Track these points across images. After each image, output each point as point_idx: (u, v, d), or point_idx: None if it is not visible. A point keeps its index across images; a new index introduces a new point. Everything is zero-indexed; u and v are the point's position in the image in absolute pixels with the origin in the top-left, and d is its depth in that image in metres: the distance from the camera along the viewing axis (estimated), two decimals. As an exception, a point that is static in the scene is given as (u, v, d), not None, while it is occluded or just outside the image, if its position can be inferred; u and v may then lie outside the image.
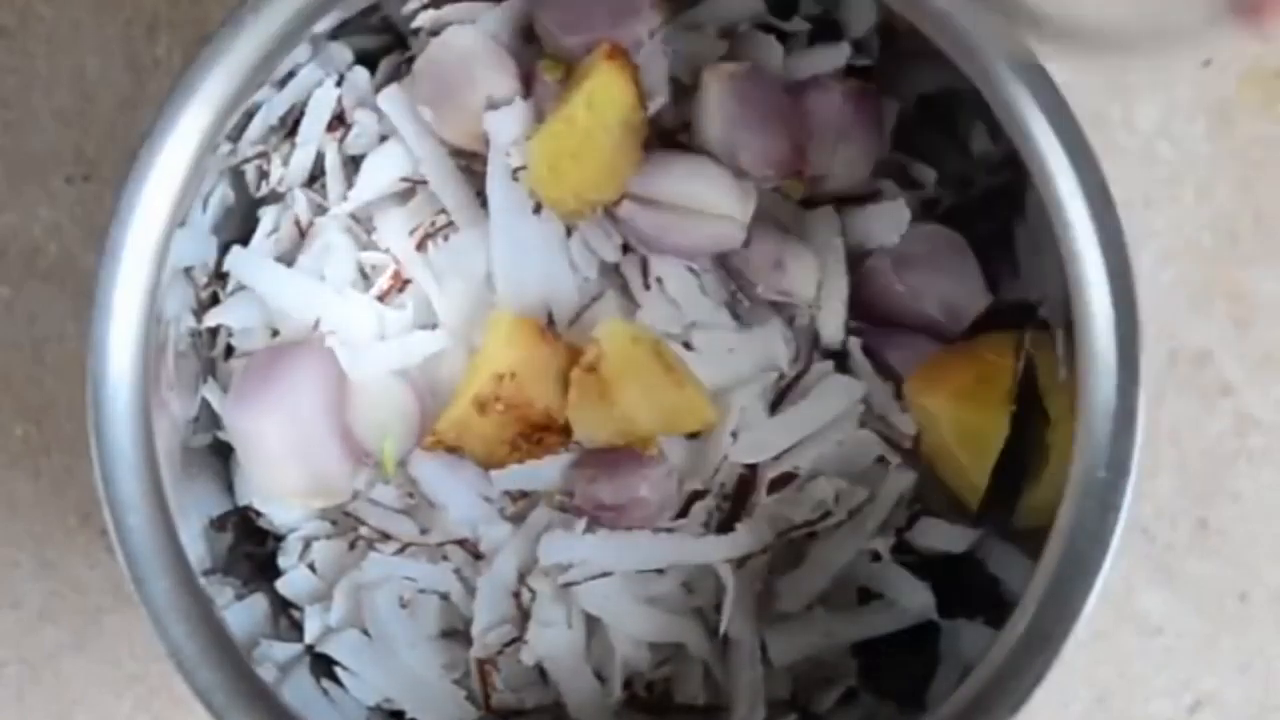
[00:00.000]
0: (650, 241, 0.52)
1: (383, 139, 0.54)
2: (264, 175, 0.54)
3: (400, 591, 0.53)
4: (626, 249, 0.53)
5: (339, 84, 0.54)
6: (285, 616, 0.54)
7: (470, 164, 0.53)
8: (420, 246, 0.53)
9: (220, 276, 0.53)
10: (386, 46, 0.55)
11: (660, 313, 0.53)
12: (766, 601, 0.53)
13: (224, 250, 0.53)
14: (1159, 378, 0.60)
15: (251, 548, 0.55)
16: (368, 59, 0.54)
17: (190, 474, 0.52)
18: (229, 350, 0.54)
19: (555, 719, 0.54)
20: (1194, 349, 0.61)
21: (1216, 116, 0.61)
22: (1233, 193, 0.61)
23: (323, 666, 0.53)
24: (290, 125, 0.54)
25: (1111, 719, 0.61)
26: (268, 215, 0.54)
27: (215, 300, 0.53)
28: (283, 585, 0.54)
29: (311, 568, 0.54)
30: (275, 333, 0.53)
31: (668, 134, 0.54)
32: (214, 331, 0.54)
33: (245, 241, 0.54)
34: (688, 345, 0.53)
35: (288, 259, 0.53)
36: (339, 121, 0.54)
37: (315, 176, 0.54)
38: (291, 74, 0.52)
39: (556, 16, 0.52)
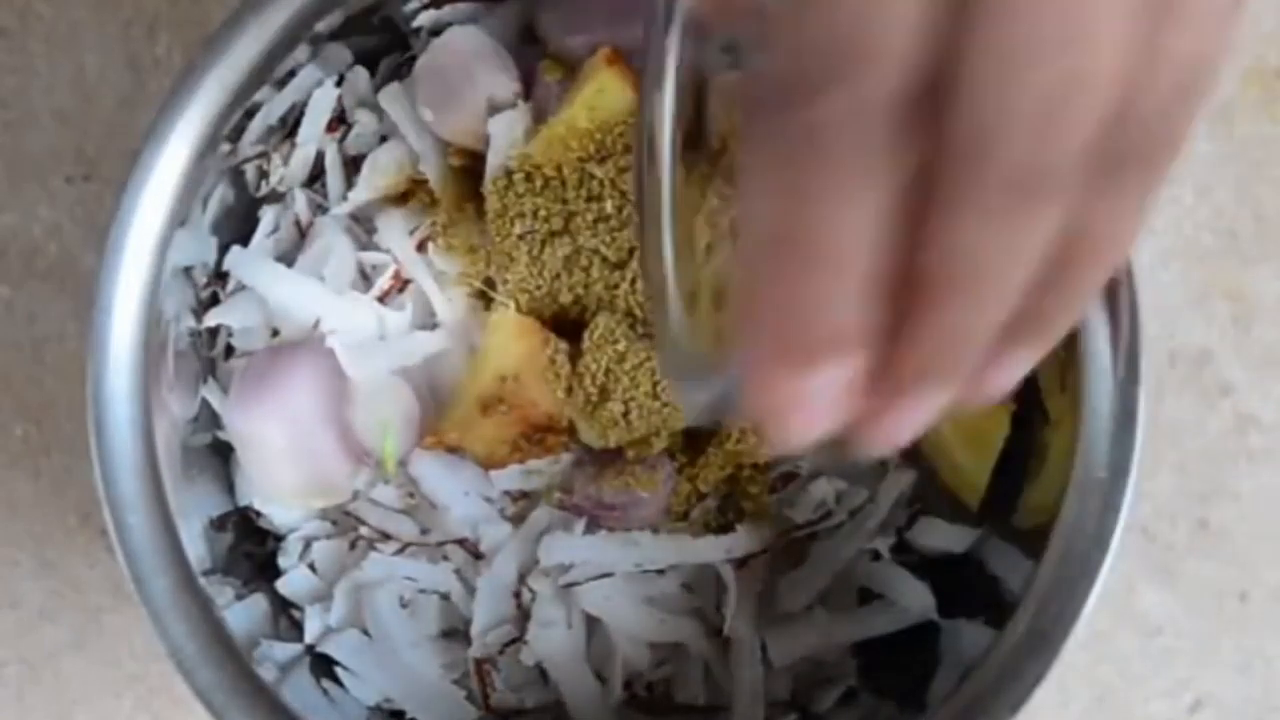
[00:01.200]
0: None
1: (383, 139, 0.54)
2: (264, 175, 0.54)
3: (400, 591, 0.53)
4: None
5: (339, 84, 0.54)
6: (285, 616, 0.54)
7: (470, 164, 0.53)
8: (420, 247, 0.53)
9: (220, 276, 0.53)
10: (386, 46, 0.55)
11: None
12: (767, 601, 0.53)
13: (224, 250, 0.53)
14: (1159, 378, 0.60)
15: (251, 548, 0.55)
16: (368, 59, 0.54)
17: (190, 474, 0.52)
18: (229, 350, 0.54)
19: (555, 719, 0.54)
20: (1194, 349, 0.61)
21: (1216, 116, 0.61)
22: (1233, 193, 0.61)
23: (323, 666, 0.53)
24: (290, 125, 0.54)
25: (1111, 719, 0.61)
26: (268, 215, 0.54)
27: (215, 300, 0.53)
28: (283, 585, 0.54)
29: (311, 568, 0.54)
30: (275, 333, 0.53)
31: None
32: (214, 331, 0.54)
33: (245, 241, 0.54)
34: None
35: (288, 259, 0.53)
36: (339, 121, 0.54)
37: (315, 176, 0.55)
38: (291, 74, 0.52)
39: (557, 17, 0.52)
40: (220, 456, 0.54)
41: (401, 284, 0.53)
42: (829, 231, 0.24)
